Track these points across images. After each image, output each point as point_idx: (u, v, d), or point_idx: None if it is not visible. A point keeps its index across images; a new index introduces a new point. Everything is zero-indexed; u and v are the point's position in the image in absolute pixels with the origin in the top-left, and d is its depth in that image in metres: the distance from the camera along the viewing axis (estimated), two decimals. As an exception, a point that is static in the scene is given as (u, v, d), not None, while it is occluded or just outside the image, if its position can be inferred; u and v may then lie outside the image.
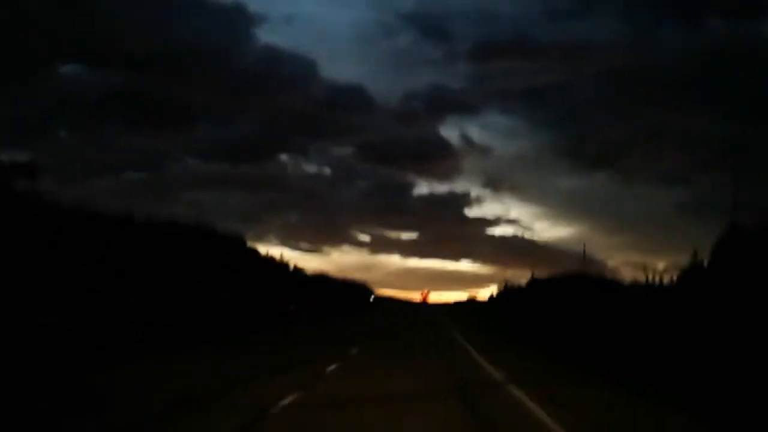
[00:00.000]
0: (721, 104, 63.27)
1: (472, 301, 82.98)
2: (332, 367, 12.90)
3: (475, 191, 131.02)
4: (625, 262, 73.84)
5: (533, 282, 39.72)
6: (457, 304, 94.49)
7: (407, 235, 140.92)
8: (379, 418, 7.62)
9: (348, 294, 58.43)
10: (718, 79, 62.65)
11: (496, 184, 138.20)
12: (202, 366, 13.08)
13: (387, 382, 11.29)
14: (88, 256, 15.52)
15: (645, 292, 17.77)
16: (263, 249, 37.61)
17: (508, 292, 44.42)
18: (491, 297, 47.37)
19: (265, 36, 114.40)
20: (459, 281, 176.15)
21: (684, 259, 15.53)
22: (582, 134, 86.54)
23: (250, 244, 34.13)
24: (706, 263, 14.80)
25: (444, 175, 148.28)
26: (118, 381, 10.43)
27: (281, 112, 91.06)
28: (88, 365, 11.15)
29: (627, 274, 31.15)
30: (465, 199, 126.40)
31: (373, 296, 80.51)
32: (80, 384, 9.86)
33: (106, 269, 16.09)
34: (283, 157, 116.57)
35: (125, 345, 13.51)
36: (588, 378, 13.21)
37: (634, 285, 20.64)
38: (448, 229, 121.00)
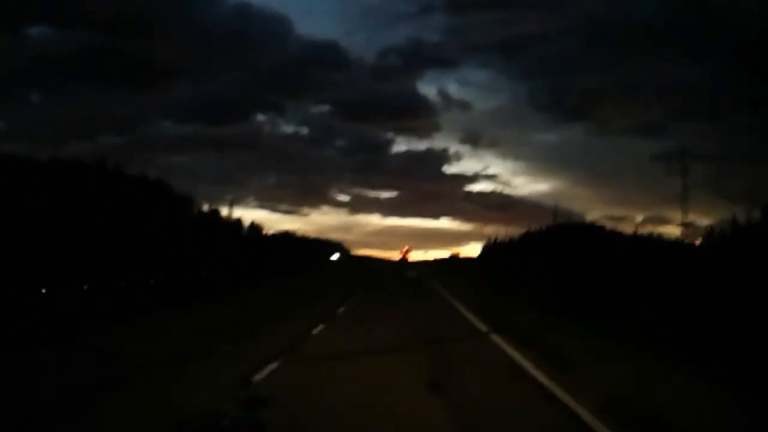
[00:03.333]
0: (698, 54, 61.11)
1: (455, 259, 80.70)
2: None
3: (453, 148, 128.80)
4: (606, 215, 72.28)
5: (526, 235, 37.01)
6: (440, 262, 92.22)
7: (386, 194, 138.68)
8: None
9: (309, 254, 53.52)
10: (694, 27, 60.41)
11: (474, 139, 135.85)
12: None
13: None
14: None
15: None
16: (223, 211, 33.69)
17: (497, 248, 41.52)
18: (484, 251, 43.83)
19: None
20: (439, 239, 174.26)
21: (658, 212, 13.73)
22: (559, 86, 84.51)
23: (203, 204, 30.34)
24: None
25: (422, 132, 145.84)
26: None
27: (256, 70, 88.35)
28: None
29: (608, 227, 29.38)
30: (443, 156, 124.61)
31: (338, 254, 71.25)
32: None
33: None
34: (260, 117, 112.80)
35: None
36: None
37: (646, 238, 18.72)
38: (427, 187, 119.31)
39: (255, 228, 38.85)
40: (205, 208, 30.39)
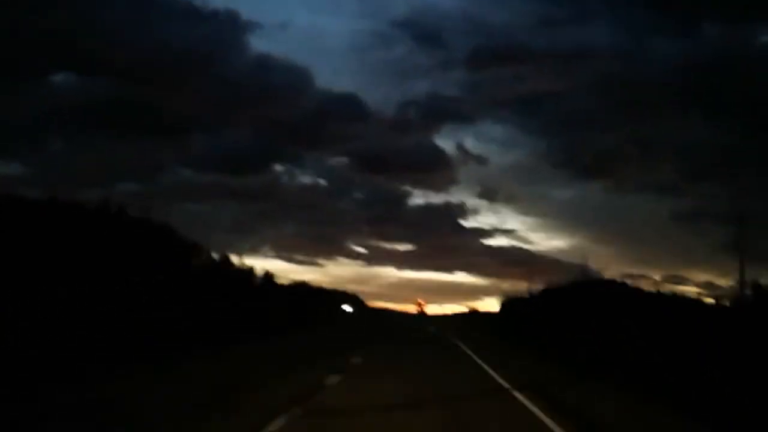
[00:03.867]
0: (715, 114, 60.63)
1: (474, 313, 78.36)
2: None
3: (470, 202, 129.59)
4: (623, 274, 70.05)
5: (545, 292, 35.26)
6: (458, 317, 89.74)
7: (403, 247, 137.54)
8: None
9: (322, 306, 51.62)
10: (712, 87, 60.10)
11: (491, 194, 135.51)
12: None
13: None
14: None
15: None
16: (235, 259, 32.45)
17: (518, 303, 39.60)
18: (504, 306, 41.72)
19: (259, 44, 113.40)
20: (455, 293, 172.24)
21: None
22: (577, 144, 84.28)
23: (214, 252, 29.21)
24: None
25: (439, 186, 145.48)
26: None
27: (275, 121, 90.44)
28: None
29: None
30: (460, 210, 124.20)
31: (350, 307, 65.92)
32: None
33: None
34: (278, 167, 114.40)
35: None
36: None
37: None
38: (444, 240, 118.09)
39: (268, 277, 37.66)
40: (216, 255, 29.30)
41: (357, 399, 9.68)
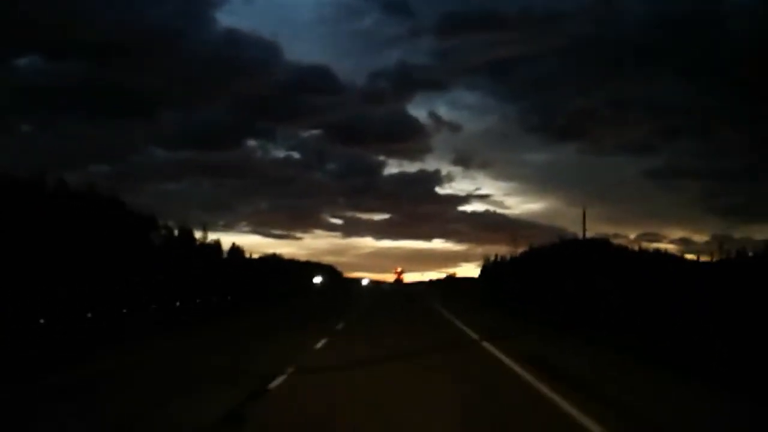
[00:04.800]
0: (687, 72, 59.91)
1: (453, 279, 77.79)
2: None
3: (445, 169, 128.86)
4: (598, 234, 69.69)
5: (527, 254, 34.28)
6: (437, 283, 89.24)
7: (379, 217, 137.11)
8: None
9: (297, 278, 49.60)
10: (682, 46, 59.24)
11: (466, 161, 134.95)
12: None
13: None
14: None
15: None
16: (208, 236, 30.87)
17: (499, 266, 38.60)
18: (485, 270, 40.37)
19: (226, 19, 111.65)
20: (432, 260, 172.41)
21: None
22: (550, 107, 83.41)
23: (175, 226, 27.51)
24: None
25: (414, 154, 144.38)
26: None
27: (247, 97, 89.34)
28: None
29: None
30: (435, 178, 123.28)
31: (321, 278, 61.01)
32: None
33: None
34: (251, 142, 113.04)
35: None
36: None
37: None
38: (420, 209, 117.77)
39: (236, 251, 36.01)
40: (176, 231, 27.52)
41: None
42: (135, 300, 18.30)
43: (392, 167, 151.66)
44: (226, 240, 52.13)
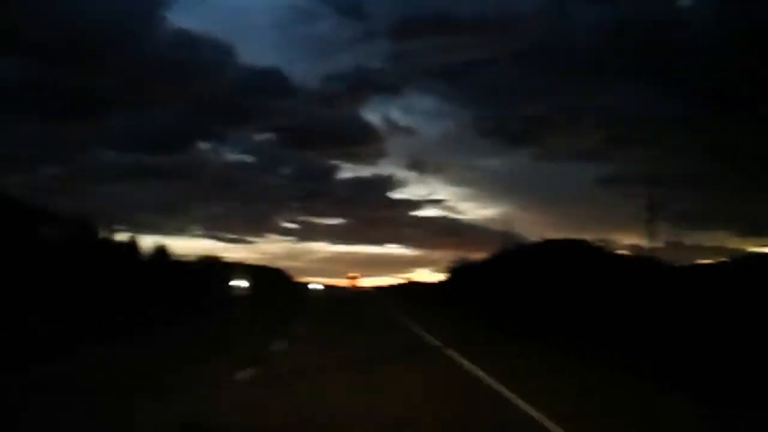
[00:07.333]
0: (638, 79, 61.93)
1: (409, 284, 77.35)
2: None
3: (399, 174, 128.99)
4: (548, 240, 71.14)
5: (495, 258, 34.01)
6: (393, 289, 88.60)
7: (333, 221, 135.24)
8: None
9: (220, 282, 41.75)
10: (633, 53, 61.22)
11: (420, 165, 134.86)
12: None
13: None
14: None
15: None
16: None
17: (465, 270, 38.21)
18: (452, 275, 39.44)
19: (177, 19, 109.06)
20: (388, 265, 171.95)
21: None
22: (504, 112, 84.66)
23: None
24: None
25: (368, 159, 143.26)
26: None
27: (198, 99, 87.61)
28: None
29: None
30: (390, 182, 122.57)
31: (241, 281, 47.16)
32: None
33: None
34: (203, 145, 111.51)
35: None
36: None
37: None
38: (374, 213, 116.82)
39: (162, 253, 31.79)
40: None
41: None
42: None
43: (346, 171, 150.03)
44: (179, 244, 49.43)
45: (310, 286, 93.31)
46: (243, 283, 45.82)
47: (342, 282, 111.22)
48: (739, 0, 48.25)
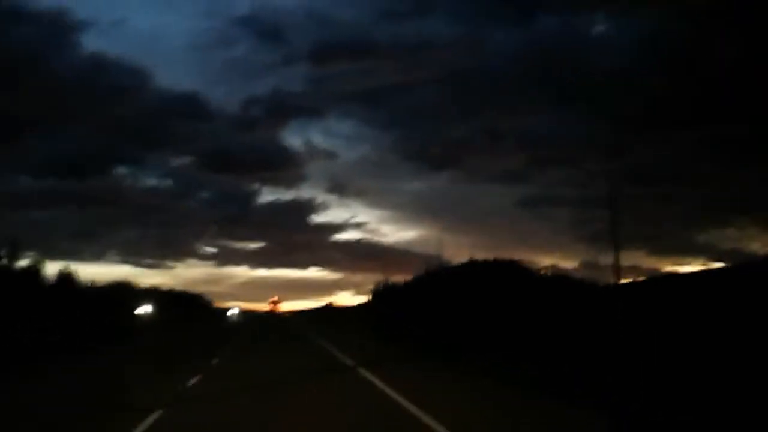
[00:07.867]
0: (557, 102, 64.79)
1: (330, 307, 76.04)
2: None
3: (320, 197, 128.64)
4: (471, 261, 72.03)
5: (421, 279, 33.61)
6: (315, 312, 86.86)
7: (254, 245, 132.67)
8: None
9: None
10: (551, 77, 64.00)
11: (341, 188, 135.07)
12: None
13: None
14: None
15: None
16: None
17: (387, 293, 37.56)
18: (374, 297, 38.59)
19: (93, 43, 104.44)
20: (309, 289, 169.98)
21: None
22: (425, 136, 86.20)
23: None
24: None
25: (288, 182, 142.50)
26: None
27: (115, 123, 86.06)
28: None
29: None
30: (310, 206, 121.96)
31: (147, 308, 44.83)
32: None
33: None
34: (120, 170, 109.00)
35: None
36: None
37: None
38: (295, 237, 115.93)
39: (66, 279, 29.62)
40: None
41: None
42: None
43: (266, 195, 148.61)
44: (95, 270, 45.81)
45: (228, 312, 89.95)
46: (148, 309, 44.86)
47: (263, 306, 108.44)
48: (651, 28, 51.28)
